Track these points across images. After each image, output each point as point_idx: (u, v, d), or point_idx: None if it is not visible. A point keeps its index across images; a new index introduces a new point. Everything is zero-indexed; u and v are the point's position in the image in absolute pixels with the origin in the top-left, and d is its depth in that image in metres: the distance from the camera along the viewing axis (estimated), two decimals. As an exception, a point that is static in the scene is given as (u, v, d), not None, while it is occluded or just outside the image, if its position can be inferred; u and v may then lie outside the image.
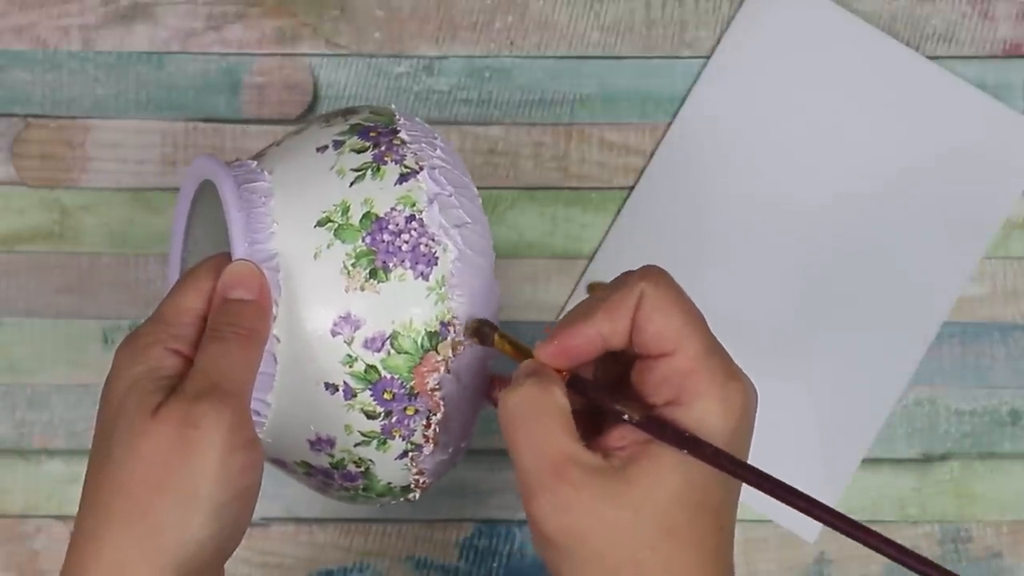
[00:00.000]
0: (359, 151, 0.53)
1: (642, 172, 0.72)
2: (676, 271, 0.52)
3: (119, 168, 0.71)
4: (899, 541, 0.70)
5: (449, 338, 0.51)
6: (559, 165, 0.72)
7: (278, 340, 0.51)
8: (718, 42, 0.72)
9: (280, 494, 0.69)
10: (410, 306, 0.51)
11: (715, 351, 0.48)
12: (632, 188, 0.71)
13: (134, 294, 0.71)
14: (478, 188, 0.72)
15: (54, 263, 0.71)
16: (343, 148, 0.53)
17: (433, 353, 0.51)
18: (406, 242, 0.51)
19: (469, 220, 0.52)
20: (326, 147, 0.53)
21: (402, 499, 0.56)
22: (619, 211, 0.71)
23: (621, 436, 0.48)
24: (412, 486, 0.55)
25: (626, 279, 0.49)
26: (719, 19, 0.73)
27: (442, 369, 0.51)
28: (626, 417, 0.47)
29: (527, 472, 0.47)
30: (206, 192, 0.55)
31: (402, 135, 0.53)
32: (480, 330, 0.52)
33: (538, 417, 0.47)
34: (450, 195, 0.52)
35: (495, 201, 0.71)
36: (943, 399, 0.71)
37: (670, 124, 0.72)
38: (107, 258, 0.71)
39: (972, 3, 0.73)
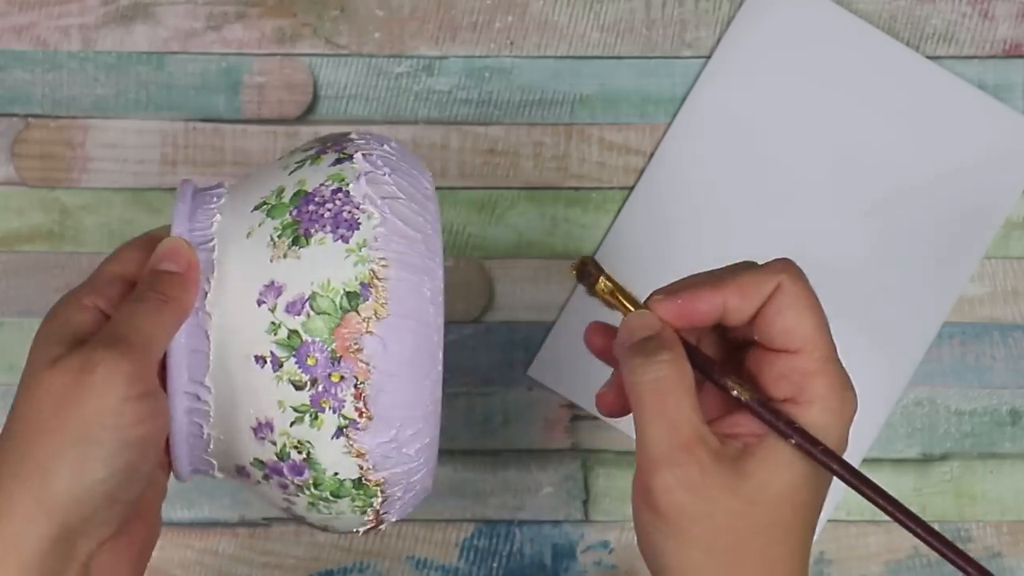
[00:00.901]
0: (306, 150, 0.55)
1: (642, 172, 0.72)
2: (676, 271, 0.52)
3: (119, 168, 0.71)
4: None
5: (371, 300, 0.51)
6: (559, 165, 0.72)
7: (210, 316, 0.51)
8: (718, 42, 0.72)
9: (280, 494, 0.69)
10: (329, 267, 0.51)
11: (836, 358, 0.50)
12: (632, 188, 0.71)
13: (134, 294, 0.70)
14: (478, 188, 0.72)
15: (54, 263, 0.71)
16: (296, 151, 0.55)
17: (354, 314, 0.51)
18: (329, 210, 0.51)
19: (402, 196, 0.52)
20: (282, 156, 0.55)
21: (364, 519, 0.55)
22: (619, 211, 0.71)
23: (736, 423, 0.49)
24: (363, 480, 0.53)
25: (766, 266, 0.50)
26: (719, 19, 0.73)
27: (363, 330, 0.51)
28: (751, 404, 0.48)
29: (656, 444, 0.47)
30: None
31: (353, 135, 0.55)
32: (584, 269, 0.52)
33: (677, 390, 0.48)
34: (385, 175, 0.52)
35: (495, 201, 0.71)
36: (943, 399, 0.71)
37: (670, 124, 0.72)
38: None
39: (972, 3, 0.73)
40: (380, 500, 0.54)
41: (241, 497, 0.69)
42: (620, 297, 0.52)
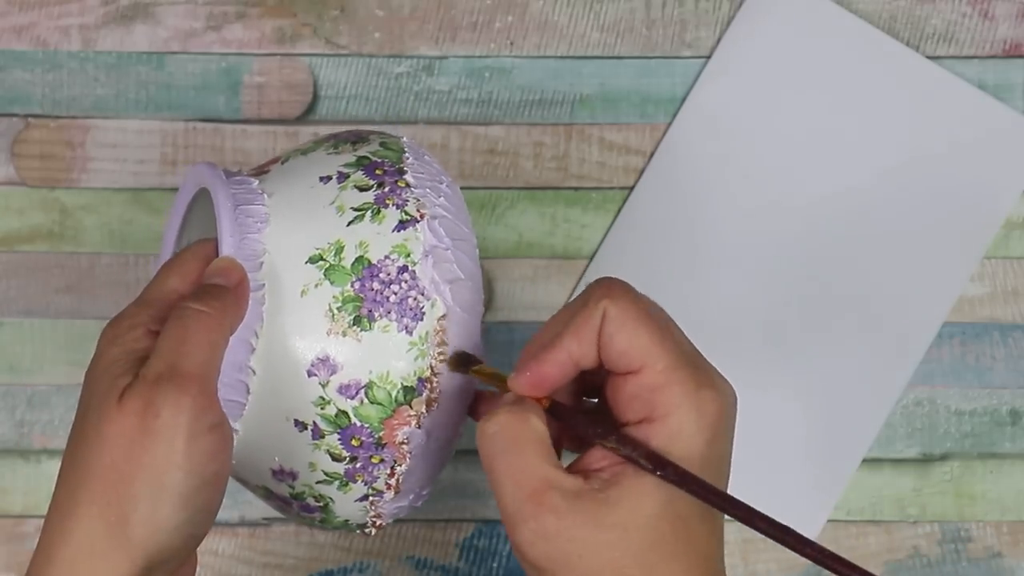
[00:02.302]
0: (362, 188, 0.51)
1: (642, 172, 0.72)
2: (676, 271, 0.52)
3: (119, 168, 0.71)
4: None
5: (424, 395, 0.51)
6: (559, 165, 0.72)
7: (253, 372, 0.50)
8: (718, 42, 0.72)
9: (280, 494, 0.69)
10: (390, 358, 0.50)
11: (684, 362, 0.47)
12: (632, 188, 0.71)
13: (134, 294, 0.70)
14: (478, 188, 0.72)
15: (54, 263, 0.71)
16: (346, 183, 0.52)
17: (406, 407, 0.50)
18: (395, 293, 0.50)
19: (462, 275, 0.51)
20: (330, 178, 0.52)
21: (357, 532, 0.55)
22: (619, 211, 0.71)
23: (602, 456, 0.48)
24: (368, 524, 0.54)
25: (589, 295, 0.48)
26: (719, 19, 0.73)
27: (413, 424, 0.51)
28: (600, 442, 0.47)
29: (507, 501, 0.46)
30: (202, 196, 0.55)
31: (408, 177, 0.52)
32: (460, 361, 0.51)
33: (515, 446, 0.47)
34: (447, 248, 0.51)
35: (495, 201, 0.71)
36: (943, 399, 0.70)
37: (670, 124, 0.72)
38: (107, 258, 0.71)
39: (972, 3, 0.73)
40: (374, 531, 0.55)
41: (241, 497, 0.69)
42: (494, 379, 0.51)
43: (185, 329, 0.48)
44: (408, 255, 0.50)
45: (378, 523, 0.54)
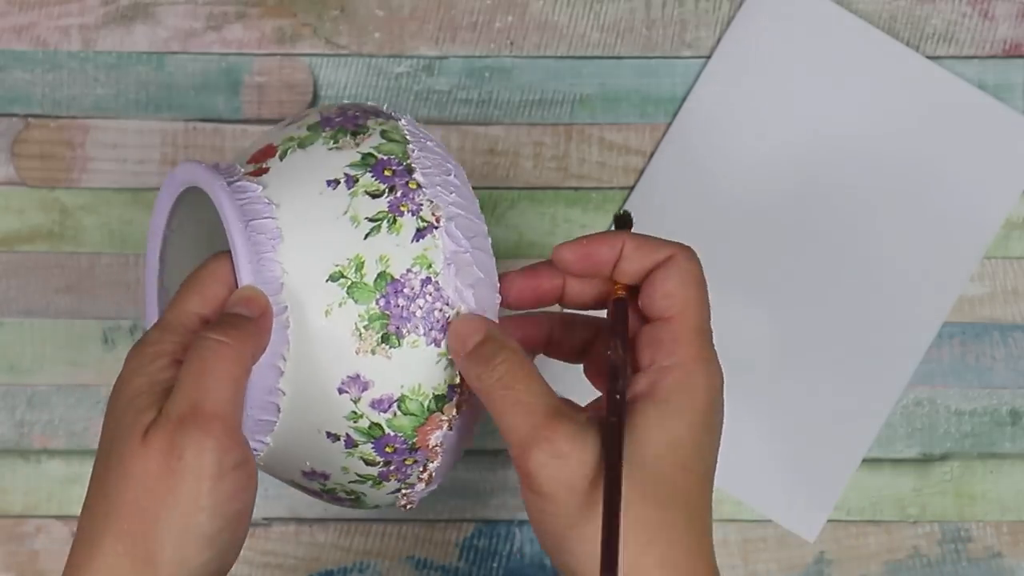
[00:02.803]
0: (373, 195, 0.50)
1: (642, 172, 0.72)
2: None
3: (119, 168, 0.71)
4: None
5: (455, 399, 0.51)
6: (559, 165, 0.72)
7: (283, 393, 0.50)
8: (718, 42, 0.72)
9: (282, 494, 0.69)
10: (420, 372, 0.50)
11: (708, 334, 0.51)
12: (632, 188, 0.71)
13: (134, 294, 0.71)
14: (478, 188, 0.72)
15: (54, 263, 0.71)
16: (356, 188, 0.51)
17: (438, 414, 0.50)
18: (420, 307, 0.49)
19: (482, 275, 0.51)
20: (337, 182, 0.51)
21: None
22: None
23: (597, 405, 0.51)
24: (398, 505, 0.54)
25: (666, 242, 0.52)
26: (719, 19, 0.73)
27: (445, 428, 0.51)
28: (615, 346, 0.50)
29: (517, 431, 0.48)
30: (189, 192, 0.53)
31: (418, 176, 0.51)
32: (621, 222, 0.55)
33: (520, 380, 0.49)
34: (466, 252, 0.50)
35: (495, 201, 0.71)
36: (943, 399, 0.70)
37: (670, 124, 0.72)
38: (107, 258, 0.71)
39: (972, 3, 0.73)
40: (412, 504, 0.55)
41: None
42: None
43: (206, 362, 0.47)
44: (430, 266, 0.50)
45: (408, 506, 0.54)
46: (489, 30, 0.73)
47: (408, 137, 0.53)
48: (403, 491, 0.53)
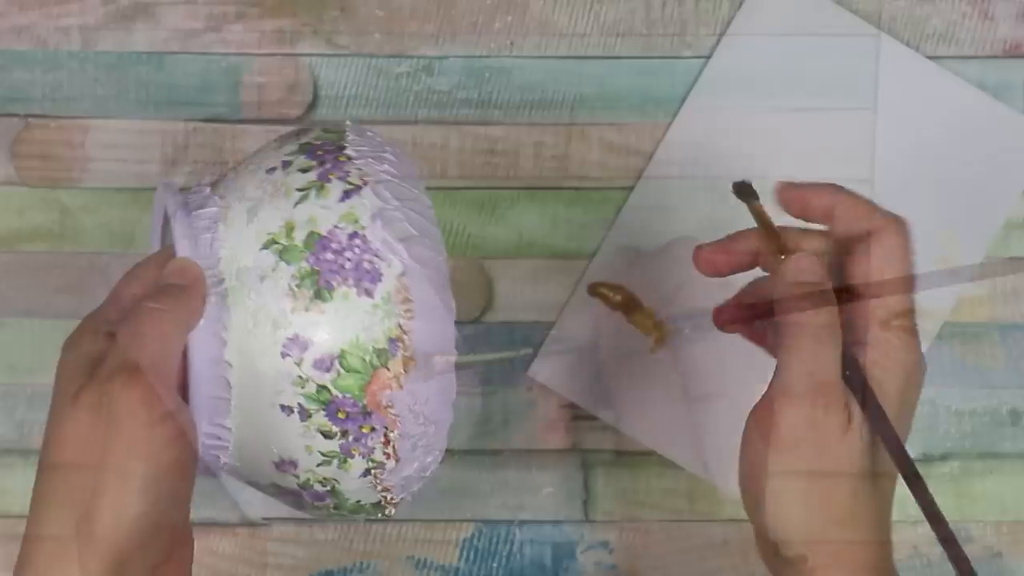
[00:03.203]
0: (304, 170, 0.52)
1: (642, 172, 0.72)
2: (676, 270, 0.52)
3: (119, 168, 0.71)
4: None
5: (399, 354, 0.51)
6: (559, 165, 0.72)
7: (230, 365, 0.51)
8: (718, 42, 0.72)
9: (280, 494, 0.69)
10: (356, 324, 0.50)
11: (911, 312, 0.52)
12: (632, 188, 0.71)
13: (134, 294, 0.71)
14: (478, 188, 0.72)
15: (54, 263, 0.71)
16: (290, 168, 0.53)
17: (383, 370, 0.50)
18: (348, 259, 0.50)
19: (416, 232, 0.51)
20: (275, 168, 0.53)
21: (379, 515, 0.56)
22: (619, 211, 0.71)
23: None
24: (383, 502, 0.54)
25: (879, 209, 0.53)
26: (719, 19, 0.73)
27: (394, 386, 0.51)
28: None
29: (795, 379, 0.50)
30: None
31: (349, 151, 0.53)
32: (742, 192, 0.54)
33: (830, 342, 0.50)
34: (395, 209, 0.51)
35: (495, 201, 0.71)
36: (943, 399, 0.70)
37: (670, 124, 0.72)
38: (107, 258, 0.71)
39: (972, 3, 0.73)
40: (393, 509, 0.55)
41: (241, 497, 0.69)
42: (769, 229, 0.53)
43: (138, 326, 0.49)
44: (356, 220, 0.51)
45: (390, 498, 0.54)
46: (489, 30, 0.73)
47: (347, 130, 0.55)
48: (373, 471, 0.52)
